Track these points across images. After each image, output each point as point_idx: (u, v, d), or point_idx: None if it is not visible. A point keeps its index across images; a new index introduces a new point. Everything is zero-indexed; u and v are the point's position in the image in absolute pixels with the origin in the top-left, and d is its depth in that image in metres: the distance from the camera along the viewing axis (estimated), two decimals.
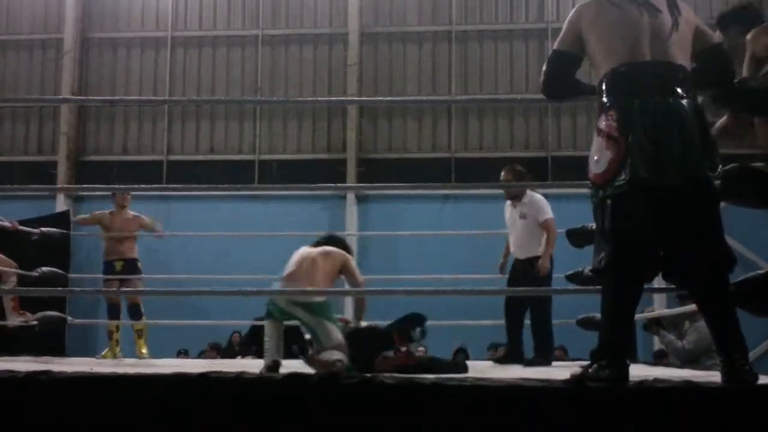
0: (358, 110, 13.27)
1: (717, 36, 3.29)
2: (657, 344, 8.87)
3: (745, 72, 3.37)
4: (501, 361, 6.34)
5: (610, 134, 2.89)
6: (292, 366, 4.34)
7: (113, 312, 7.50)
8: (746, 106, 3.29)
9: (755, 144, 3.44)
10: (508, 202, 6.52)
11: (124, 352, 7.56)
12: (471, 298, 9.07)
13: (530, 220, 6.29)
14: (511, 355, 6.34)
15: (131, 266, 7.60)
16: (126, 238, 7.61)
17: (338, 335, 4.72)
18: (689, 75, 2.98)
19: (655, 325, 6.88)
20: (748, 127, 3.44)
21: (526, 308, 6.33)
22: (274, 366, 4.59)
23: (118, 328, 7.53)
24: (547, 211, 6.32)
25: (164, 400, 2.51)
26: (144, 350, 7.43)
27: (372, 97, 13.30)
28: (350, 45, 13.39)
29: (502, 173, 6.53)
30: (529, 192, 6.42)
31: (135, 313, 7.50)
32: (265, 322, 4.85)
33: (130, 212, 7.78)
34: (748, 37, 3.37)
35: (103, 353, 7.46)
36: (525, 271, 6.24)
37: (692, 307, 6.27)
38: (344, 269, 4.96)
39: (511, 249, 6.51)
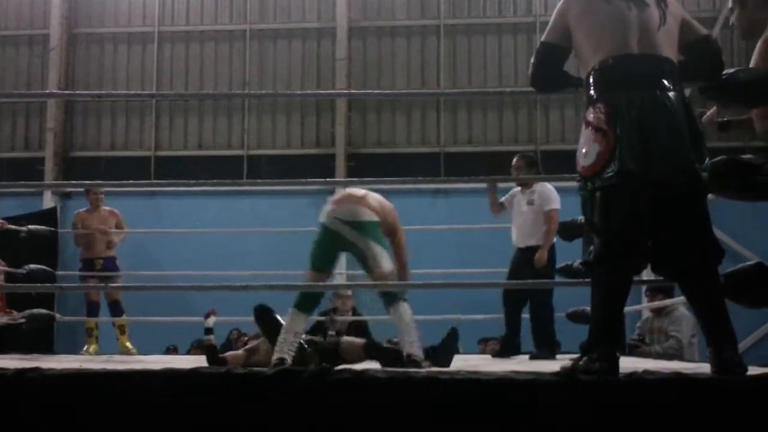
0: (347, 104, 13.24)
1: (704, 29, 3.28)
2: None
3: (755, 55, 3.31)
4: (498, 354, 6.30)
5: (598, 126, 2.89)
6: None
7: (93, 310, 7.55)
8: (735, 98, 3.29)
9: (745, 134, 3.43)
10: (517, 189, 6.50)
11: (109, 349, 7.61)
12: (462, 292, 9.06)
13: (536, 208, 6.28)
14: (507, 346, 6.30)
15: (110, 264, 7.65)
16: (104, 236, 7.66)
17: (388, 262, 4.39)
18: (677, 68, 2.99)
19: (637, 348, 6.85)
20: (744, 121, 3.43)
21: (525, 299, 6.28)
22: (280, 364, 4.16)
23: (97, 325, 7.60)
24: (554, 202, 6.27)
25: (154, 395, 2.50)
26: (128, 344, 7.48)
27: (360, 91, 13.27)
28: (339, 39, 13.35)
29: (514, 160, 6.48)
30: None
31: (116, 309, 7.54)
32: (291, 309, 4.40)
33: (105, 208, 7.81)
34: None
35: (86, 348, 7.52)
36: (525, 261, 6.22)
37: (661, 302, 6.36)
38: (396, 231, 4.65)
39: (513, 238, 6.46)
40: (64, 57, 13.59)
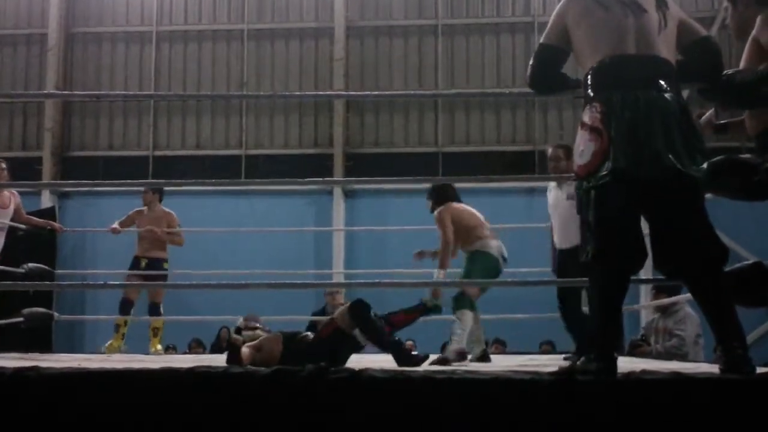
0: (345, 105, 13.24)
1: (704, 29, 3.27)
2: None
3: (745, 55, 3.31)
4: (577, 353, 5.34)
5: (593, 126, 2.90)
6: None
7: (125, 307, 7.50)
8: (733, 100, 3.29)
9: (742, 136, 3.43)
10: (552, 184, 5.81)
11: (132, 348, 7.58)
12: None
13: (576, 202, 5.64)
14: (584, 343, 5.52)
15: (155, 265, 7.60)
16: (155, 237, 7.63)
17: None
18: (674, 69, 2.99)
19: (638, 347, 6.80)
20: (741, 122, 3.43)
21: (579, 299, 5.40)
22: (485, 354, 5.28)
23: (126, 322, 7.54)
24: None
25: (152, 394, 2.50)
26: (158, 346, 7.44)
27: (358, 92, 13.27)
28: (336, 39, 13.35)
29: (550, 150, 5.82)
30: None
31: (154, 311, 7.50)
32: (464, 311, 5.13)
33: (161, 208, 7.77)
34: (761, 18, 3.24)
35: (107, 344, 7.48)
36: (573, 262, 5.46)
37: (665, 300, 6.34)
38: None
39: (554, 238, 5.73)
40: (61, 57, 13.57)
